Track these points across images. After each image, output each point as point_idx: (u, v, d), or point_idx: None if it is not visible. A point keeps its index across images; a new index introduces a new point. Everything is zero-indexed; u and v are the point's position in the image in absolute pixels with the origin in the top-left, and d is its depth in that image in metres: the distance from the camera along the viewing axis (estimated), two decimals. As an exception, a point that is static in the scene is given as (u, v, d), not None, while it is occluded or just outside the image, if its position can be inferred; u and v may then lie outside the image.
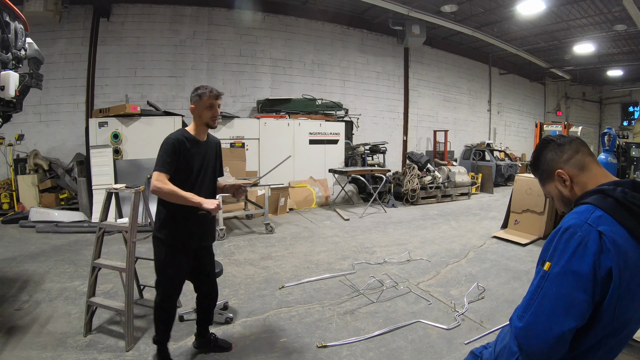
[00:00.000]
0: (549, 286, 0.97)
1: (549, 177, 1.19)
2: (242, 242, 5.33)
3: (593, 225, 0.96)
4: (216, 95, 2.26)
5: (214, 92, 2.26)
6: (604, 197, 1.02)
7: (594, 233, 0.95)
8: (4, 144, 6.49)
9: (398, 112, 11.35)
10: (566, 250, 0.97)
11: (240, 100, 8.86)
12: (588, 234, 0.95)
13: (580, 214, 1.01)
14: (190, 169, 2.22)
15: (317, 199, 8.05)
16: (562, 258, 0.97)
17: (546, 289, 0.97)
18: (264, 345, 2.69)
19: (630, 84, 15.49)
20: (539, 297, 0.99)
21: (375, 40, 10.68)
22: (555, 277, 0.96)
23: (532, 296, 1.00)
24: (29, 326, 2.85)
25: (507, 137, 14.74)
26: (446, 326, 2.95)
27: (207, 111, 2.25)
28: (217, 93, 2.27)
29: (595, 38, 10.41)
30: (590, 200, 1.04)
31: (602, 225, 0.96)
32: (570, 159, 1.15)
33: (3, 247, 4.87)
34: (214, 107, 2.26)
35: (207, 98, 2.23)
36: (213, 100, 2.24)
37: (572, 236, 0.97)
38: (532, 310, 0.99)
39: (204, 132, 2.33)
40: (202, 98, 2.24)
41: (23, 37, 3.09)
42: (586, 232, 0.95)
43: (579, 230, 0.97)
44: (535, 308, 0.98)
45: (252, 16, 8.80)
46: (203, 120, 2.27)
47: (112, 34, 7.76)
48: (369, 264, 4.41)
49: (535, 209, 5.57)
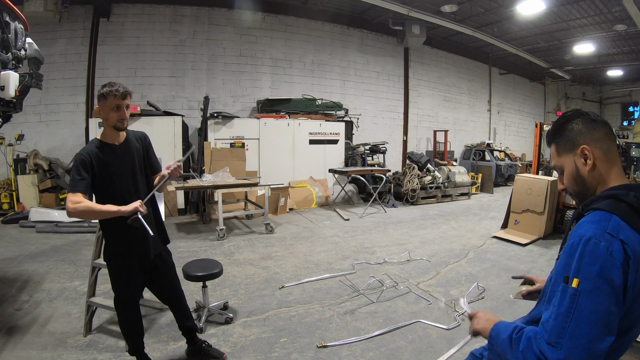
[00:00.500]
0: (584, 304, 0.88)
1: (570, 149, 1.10)
2: (242, 242, 5.33)
3: (614, 234, 0.92)
4: (123, 95, 2.01)
5: (121, 90, 2.00)
6: (617, 202, 0.98)
7: (617, 242, 0.90)
8: (4, 144, 6.49)
9: (398, 112, 11.35)
10: (594, 263, 0.90)
11: (240, 100, 8.86)
12: (612, 243, 0.90)
13: (598, 223, 0.95)
14: (112, 178, 2.01)
15: (317, 199, 8.05)
16: (592, 272, 0.89)
17: (581, 308, 0.88)
18: (264, 345, 2.69)
19: (630, 84, 15.48)
20: (574, 318, 0.89)
21: (375, 40, 10.68)
22: (589, 294, 0.88)
23: (565, 318, 0.90)
24: (29, 326, 2.85)
25: (507, 137, 14.74)
26: (446, 326, 2.95)
27: (114, 113, 2.00)
28: (124, 92, 2.02)
29: (595, 38, 10.41)
30: (602, 206, 0.99)
31: (621, 233, 0.92)
32: (600, 140, 1.07)
33: (3, 247, 4.87)
34: (121, 108, 2.01)
35: (113, 98, 1.98)
36: (119, 100, 2.00)
37: (596, 247, 0.91)
38: (568, 334, 0.88)
39: (117, 135, 2.09)
40: (106, 98, 1.98)
41: (23, 37, 3.09)
42: (610, 242, 0.90)
43: (602, 240, 0.91)
44: (573, 331, 0.88)
45: (252, 16, 8.80)
46: (110, 122, 2.02)
47: (112, 34, 7.76)
48: (369, 264, 4.41)
49: (535, 209, 5.57)
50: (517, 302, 3.44)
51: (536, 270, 4.28)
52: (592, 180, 1.07)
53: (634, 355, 1.23)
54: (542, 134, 6.48)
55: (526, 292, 1.40)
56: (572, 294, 0.91)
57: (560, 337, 0.90)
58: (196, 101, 8.21)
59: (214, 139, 7.20)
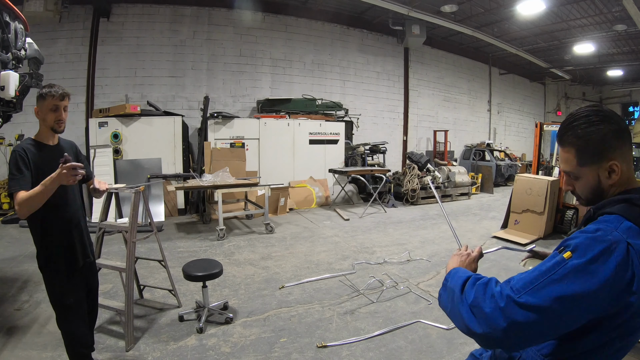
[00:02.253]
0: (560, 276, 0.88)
1: (596, 162, 1.01)
2: (242, 242, 5.33)
3: (623, 235, 0.91)
4: (62, 96, 1.97)
5: (59, 91, 1.96)
6: (630, 207, 0.95)
7: (623, 243, 0.89)
8: (4, 144, 6.49)
9: (398, 112, 11.34)
10: (592, 248, 0.89)
11: (240, 100, 8.86)
12: (618, 241, 0.90)
13: (609, 223, 0.94)
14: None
15: (317, 199, 8.05)
16: (586, 254, 0.88)
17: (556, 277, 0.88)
18: (264, 345, 2.69)
19: (630, 84, 15.48)
20: (545, 280, 0.89)
21: (375, 40, 10.67)
22: (571, 270, 0.88)
23: (538, 277, 0.90)
24: (29, 326, 2.85)
25: (507, 137, 14.74)
26: (446, 326, 2.95)
27: (51, 114, 1.96)
28: (62, 93, 1.98)
29: (595, 38, 10.41)
30: (616, 210, 0.96)
31: (631, 237, 0.91)
32: (627, 151, 1.01)
33: (3, 247, 4.87)
34: (58, 109, 1.97)
35: (51, 99, 1.94)
36: (57, 101, 1.96)
37: (603, 237, 0.90)
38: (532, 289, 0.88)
39: (52, 136, 2.06)
40: (45, 99, 1.95)
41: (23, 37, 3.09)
42: (616, 239, 0.90)
43: (610, 235, 0.90)
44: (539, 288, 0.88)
45: (252, 16, 8.79)
46: (47, 124, 1.98)
47: (112, 34, 7.76)
48: (369, 264, 4.41)
49: (535, 209, 5.57)
50: (517, 302, 3.44)
51: (536, 270, 4.28)
52: (610, 190, 1.04)
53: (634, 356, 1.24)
54: (542, 134, 6.48)
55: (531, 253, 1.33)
56: (558, 261, 0.90)
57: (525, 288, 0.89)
58: (196, 101, 8.21)
59: (214, 139, 7.20)
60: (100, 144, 6.32)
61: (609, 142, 0.99)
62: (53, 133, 2.04)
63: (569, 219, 5.63)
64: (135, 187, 2.81)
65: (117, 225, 2.92)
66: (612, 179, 1.01)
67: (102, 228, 2.82)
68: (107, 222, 2.86)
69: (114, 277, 3.62)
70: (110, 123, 6.43)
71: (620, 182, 1.02)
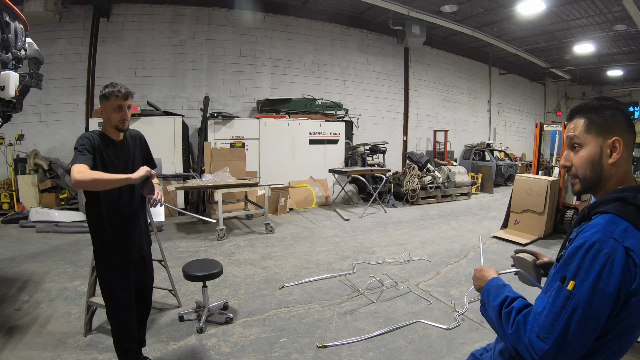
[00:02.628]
0: (575, 308, 0.92)
1: (601, 133, 1.05)
2: (242, 242, 5.33)
3: (619, 240, 0.92)
4: (125, 95, 1.99)
5: (123, 91, 1.99)
6: (625, 206, 0.97)
7: (620, 250, 0.91)
8: (4, 144, 6.49)
9: (398, 112, 11.35)
10: (592, 269, 0.92)
11: (240, 100, 8.86)
12: (614, 250, 0.91)
13: (605, 227, 0.95)
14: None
15: (317, 199, 8.05)
16: (588, 278, 0.91)
17: (572, 311, 0.92)
18: (264, 345, 2.69)
19: (630, 84, 15.47)
20: (564, 318, 0.92)
21: (375, 40, 10.67)
22: (583, 299, 0.91)
23: (557, 317, 0.94)
24: (29, 326, 2.85)
25: (507, 137, 14.74)
26: (446, 326, 2.95)
27: (115, 113, 1.99)
28: (126, 92, 2.00)
29: (595, 38, 10.40)
30: (611, 209, 0.98)
31: (628, 239, 0.92)
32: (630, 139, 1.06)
33: (3, 247, 4.87)
34: (122, 108, 2.00)
35: (115, 99, 1.97)
36: (121, 101, 1.98)
37: (598, 253, 0.92)
38: (557, 332, 0.93)
39: (117, 134, 2.09)
40: (109, 99, 1.97)
41: (23, 37, 3.09)
42: (612, 249, 0.91)
43: (605, 247, 0.92)
44: (563, 330, 0.92)
45: (252, 16, 8.80)
46: (112, 123, 2.02)
47: (112, 34, 7.76)
48: (369, 264, 4.41)
49: (535, 209, 5.57)
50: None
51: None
52: (608, 174, 1.04)
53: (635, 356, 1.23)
54: (542, 134, 6.48)
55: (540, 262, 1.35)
56: (566, 296, 0.94)
57: (549, 333, 0.93)
58: (196, 101, 8.21)
59: (214, 139, 7.20)
60: (100, 144, 6.33)
61: (617, 121, 1.04)
62: (117, 132, 2.07)
63: (569, 219, 5.63)
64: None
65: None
66: (613, 158, 1.03)
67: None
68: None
69: (114, 277, 3.62)
70: (110, 123, 6.42)
71: (618, 171, 1.04)
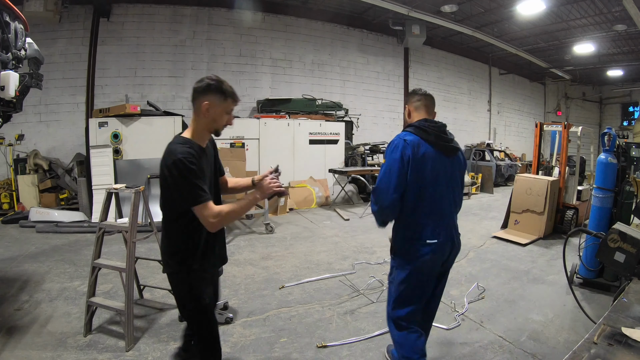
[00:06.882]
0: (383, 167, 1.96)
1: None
2: (242, 242, 5.33)
3: (402, 137, 1.96)
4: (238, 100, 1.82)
5: (236, 95, 1.79)
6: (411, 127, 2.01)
7: (401, 140, 1.94)
8: (4, 144, 6.49)
9: (398, 112, 11.35)
10: (388, 150, 1.98)
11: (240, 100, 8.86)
12: (400, 140, 1.95)
13: (399, 135, 1.99)
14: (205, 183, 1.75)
15: (317, 199, 8.05)
16: (387, 154, 1.99)
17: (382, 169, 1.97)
18: (264, 345, 2.69)
19: (630, 84, 15.48)
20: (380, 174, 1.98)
21: (375, 40, 10.68)
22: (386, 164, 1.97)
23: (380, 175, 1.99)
24: (29, 326, 2.85)
25: (507, 137, 14.74)
26: (446, 326, 2.95)
27: (226, 116, 1.77)
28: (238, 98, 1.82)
29: (595, 38, 10.41)
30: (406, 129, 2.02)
31: (407, 137, 1.95)
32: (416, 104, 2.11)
33: (3, 247, 4.87)
34: (231, 113, 1.80)
35: (233, 102, 1.76)
36: (235, 105, 1.79)
37: (392, 144, 1.97)
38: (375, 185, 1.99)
39: (206, 138, 1.85)
40: (226, 98, 1.73)
41: (23, 37, 3.08)
42: (398, 140, 1.96)
43: (395, 140, 1.97)
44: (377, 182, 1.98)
45: (252, 16, 8.80)
46: (216, 125, 1.77)
47: (112, 34, 7.76)
48: (369, 264, 4.41)
49: (535, 209, 5.57)
50: (517, 301, 3.44)
51: (536, 271, 4.28)
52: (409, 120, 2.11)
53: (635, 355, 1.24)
54: (542, 134, 6.48)
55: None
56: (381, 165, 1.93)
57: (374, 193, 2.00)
58: (196, 101, 8.20)
59: (214, 139, 7.18)
60: (100, 144, 6.32)
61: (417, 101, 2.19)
62: (209, 135, 1.84)
63: (569, 219, 5.63)
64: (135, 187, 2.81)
65: (117, 225, 2.91)
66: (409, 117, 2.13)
67: (102, 228, 2.82)
68: (107, 222, 2.86)
69: (114, 277, 3.62)
70: (110, 123, 6.42)
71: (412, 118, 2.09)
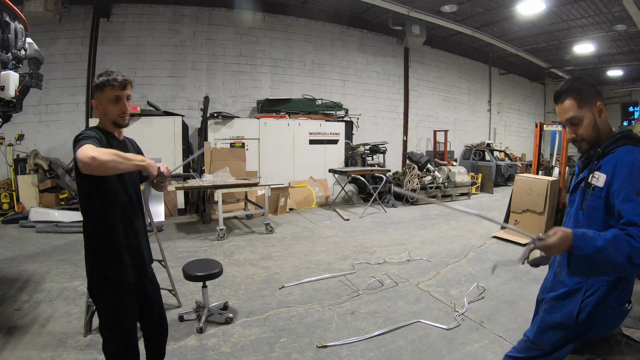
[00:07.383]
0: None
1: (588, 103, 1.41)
2: (242, 242, 5.33)
3: None
4: (122, 84, 1.67)
5: (119, 79, 1.66)
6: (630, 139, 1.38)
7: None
8: (4, 144, 6.49)
9: (398, 112, 11.35)
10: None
11: (240, 100, 8.86)
12: None
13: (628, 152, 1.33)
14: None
15: (317, 199, 8.05)
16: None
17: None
18: (264, 345, 2.69)
19: (630, 84, 15.46)
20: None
21: (375, 40, 10.67)
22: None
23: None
24: (29, 326, 2.85)
25: (507, 137, 14.74)
26: (446, 326, 2.95)
27: (113, 106, 1.68)
28: (123, 80, 1.67)
29: (595, 38, 10.40)
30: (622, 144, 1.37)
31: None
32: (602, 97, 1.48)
33: (3, 247, 4.87)
34: (121, 100, 1.68)
35: (111, 89, 1.65)
36: (119, 91, 1.67)
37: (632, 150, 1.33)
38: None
39: (117, 131, 1.78)
40: (103, 89, 1.65)
41: (23, 37, 3.09)
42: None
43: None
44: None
45: (252, 16, 8.79)
46: (109, 118, 1.70)
47: (112, 34, 7.76)
48: (369, 264, 4.41)
49: (535, 209, 5.57)
50: (517, 302, 3.44)
51: (537, 270, 4.27)
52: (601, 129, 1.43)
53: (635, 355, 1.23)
54: (542, 134, 6.48)
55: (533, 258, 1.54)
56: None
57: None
58: (196, 101, 8.21)
59: (214, 139, 7.20)
60: (100, 144, 6.33)
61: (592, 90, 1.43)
62: (116, 128, 1.76)
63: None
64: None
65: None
66: (602, 118, 1.43)
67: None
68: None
69: (114, 277, 3.62)
70: (110, 123, 6.42)
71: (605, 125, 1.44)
